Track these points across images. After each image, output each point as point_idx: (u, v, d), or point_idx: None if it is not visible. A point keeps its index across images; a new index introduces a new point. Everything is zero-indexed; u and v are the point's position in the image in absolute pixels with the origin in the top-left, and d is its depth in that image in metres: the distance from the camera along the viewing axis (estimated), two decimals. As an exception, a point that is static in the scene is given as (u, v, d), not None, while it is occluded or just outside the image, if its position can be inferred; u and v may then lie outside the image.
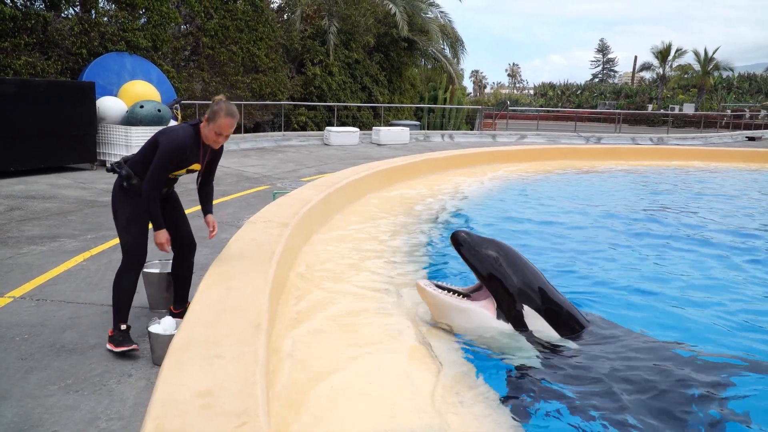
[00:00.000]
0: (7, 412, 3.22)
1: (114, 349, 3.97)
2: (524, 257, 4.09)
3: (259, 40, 21.26)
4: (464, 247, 3.96)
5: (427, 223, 7.26)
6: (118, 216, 4.08)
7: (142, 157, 3.99)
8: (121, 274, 4.08)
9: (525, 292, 3.84)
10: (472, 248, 3.94)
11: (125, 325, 4.04)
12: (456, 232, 4.08)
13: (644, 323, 4.30)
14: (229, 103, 3.97)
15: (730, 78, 63.67)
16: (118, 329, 4.02)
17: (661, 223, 8.07)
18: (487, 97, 72.73)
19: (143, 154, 4.00)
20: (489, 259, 3.87)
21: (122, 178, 3.99)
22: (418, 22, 27.89)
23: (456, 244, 4.01)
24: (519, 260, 3.99)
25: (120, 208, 4.06)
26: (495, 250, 3.94)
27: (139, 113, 12.68)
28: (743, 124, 39.67)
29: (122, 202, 4.05)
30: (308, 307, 4.18)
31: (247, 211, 8.18)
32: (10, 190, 9.75)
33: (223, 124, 3.87)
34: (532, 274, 3.97)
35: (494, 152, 14.74)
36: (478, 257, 3.90)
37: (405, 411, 2.88)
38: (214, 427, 2.04)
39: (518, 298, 3.81)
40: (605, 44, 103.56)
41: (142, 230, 4.08)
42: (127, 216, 4.04)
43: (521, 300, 3.81)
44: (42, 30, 14.94)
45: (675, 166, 15.22)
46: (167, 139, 3.88)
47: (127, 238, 4.06)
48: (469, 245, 3.95)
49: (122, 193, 4.04)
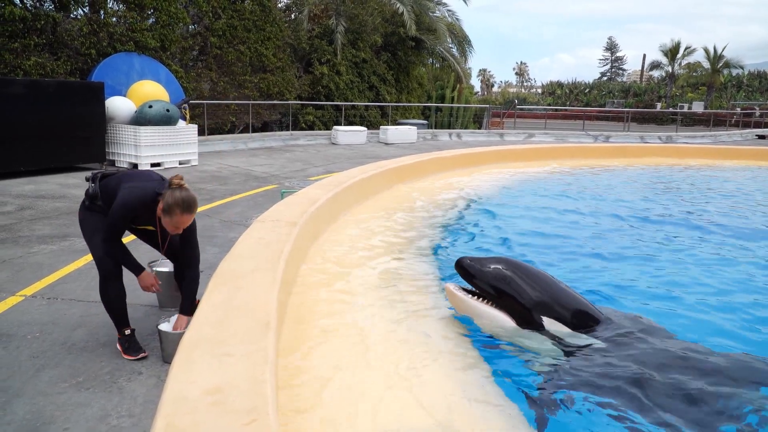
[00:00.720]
0: (20, 410, 3.25)
1: (122, 355, 4.01)
2: (532, 267, 4.08)
3: (266, 40, 21.30)
4: (471, 273, 3.95)
5: (436, 222, 7.26)
6: (84, 228, 4.07)
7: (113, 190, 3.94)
8: (101, 284, 4.06)
9: (541, 304, 3.82)
10: (477, 273, 3.92)
11: (129, 330, 4.06)
12: (459, 259, 4.05)
13: (659, 319, 4.30)
14: (187, 191, 3.78)
15: (740, 76, 63.29)
16: (123, 334, 4.05)
17: (672, 221, 8.05)
18: (494, 96, 72.63)
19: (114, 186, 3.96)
20: (498, 281, 3.85)
21: (87, 195, 3.97)
22: (425, 21, 27.87)
23: (461, 270, 4.00)
24: (528, 272, 3.97)
25: (85, 220, 4.06)
26: (502, 268, 3.91)
27: (148, 113, 12.74)
28: (753, 122, 39.42)
29: (86, 217, 4.06)
30: (316, 305, 4.20)
31: (255, 210, 8.21)
32: (20, 189, 9.82)
33: (180, 221, 3.77)
34: (544, 283, 3.95)
35: (502, 151, 14.72)
36: (485, 281, 3.88)
37: (414, 409, 2.89)
38: (224, 424, 2.06)
39: (535, 311, 3.80)
40: (613, 42, 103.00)
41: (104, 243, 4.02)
42: (92, 228, 4.02)
43: (538, 312, 3.80)
44: (51, 30, 15.02)
45: (684, 165, 15.16)
46: (122, 196, 3.81)
47: (93, 249, 4.04)
48: (474, 271, 3.94)
49: (86, 210, 4.06)
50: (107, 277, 4.04)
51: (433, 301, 4.47)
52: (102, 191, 4.00)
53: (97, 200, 3.98)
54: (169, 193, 3.72)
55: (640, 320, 4.06)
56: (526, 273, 3.97)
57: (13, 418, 3.17)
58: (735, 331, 4.33)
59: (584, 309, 3.95)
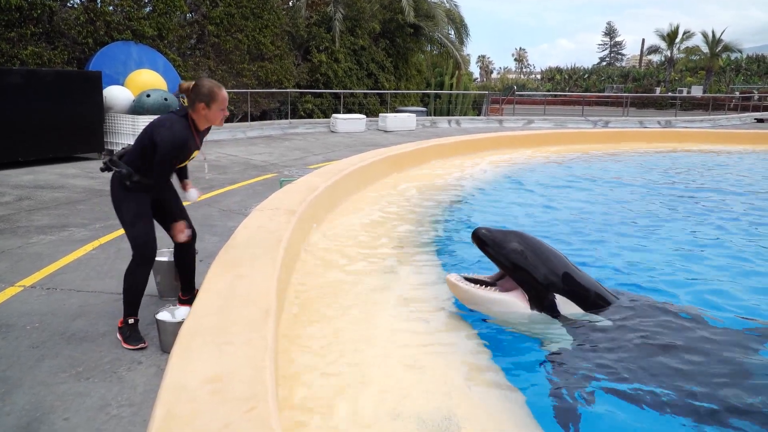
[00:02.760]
0: (20, 400, 3.25)
1: (122, 344, 4.01)
2: (547, 244, 4.06)
3: (264, 28, 21.19)
4: (487, 243, 3.91)
5: (435, 209, 7.25)
6: (122, 212, 4.03)
7: (140, 151, 3.90)
8: (134, 268, 4.06)
9: (554, 281, 3.82)
10: (495, 244, 3.89)
11: (134, 319, 4.06)
12: (476, 229, 4.01)
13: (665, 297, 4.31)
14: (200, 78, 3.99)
15: (739, 60, 63.05)
16: (127, 323, 4.05)
17: (675, 205, 8.04)
18: (493, 83, 72.35)
19: (141, 149, 3.90)
20: (514, 253, 3.83)
21: (123, 176, 3.90)
22: (423, 7, 27.72)
23: (478, 241, 3.96)
24: (544, 249, 3.96)
25: (124, 204, 4.01)
26: (518, 242, 3.89)
27: (146, 102, 12.70)
28: (752, 105, 39.30)
29: (125, 199, 4.00)
30: (316, 293, 4.19)
31: (255, 198, 8.20)
32: (18, 180, 9.80)
33: (223, 97, 3.88)
34: (558, 260, 3.94)
35: (501, 137, 14.69)
36: (503, 253, 3.85)
37: (416, 395, 2.89)
38: (224, 412, 2.05)
39: (548, 287, 3.79)
40: (612, 27, 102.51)
41: (148, 224, 4.06)
42: (134, 212, 3.99)
43: (551, 289, 3.80)
44: (48, 20, 14.94)
45: (683, 150, 15.13)
46: (166, 137, 3.76)
47: (134, 234, 4.02)
48: (492, 241, 3.91)
49: (125, 191, 3.98)
50: (143, 262, 4.06)
51: (433, 288, 4.47)
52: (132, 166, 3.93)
53: (134, 176, 3.90)
54: (194, 89, 3.83)
55: (652, 303, 4.05)
56: (542, 248, 3.96)
57: (13, 408, 3.17)
58: (749, 307, 4.33)
59: (596, 290, 3.95)
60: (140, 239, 4.03)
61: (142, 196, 4.01)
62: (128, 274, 4.08)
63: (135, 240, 4.04)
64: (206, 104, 3.83)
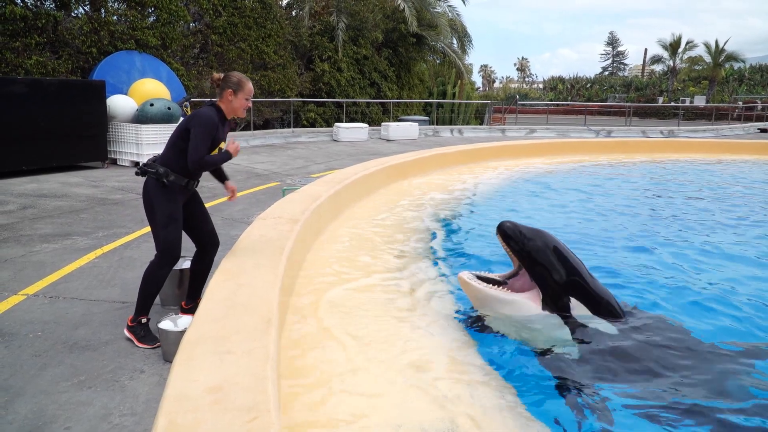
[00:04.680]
0: (22, 408, 3.25)
1: (135, 343, 4.04)
2: (567, 247, 4.07)
3: (267, 37, 21.28)
4: (512, 237, 3.93)
5: (438, 218, 7.25)
6: (156, 213, 4.09)
7: (174, 147, 4.07)
8: (157, 268, 4.13)
9: (572, 283, 3.83)
10: (520, 239, 3.91)
11: (146, 318, 4.12)
12: (502, 223, 4.04)
13: (670, 312, 4.30)
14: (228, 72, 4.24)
15: (742, 69, 63.14)
16: (139, 322, 4.09)
17: (677, 216, 8.03)
18: (496, 92, 72.48)
19: (174, 145, 4.08)
20: (537, 250, 3.85)
21: (159, 175, 4.01)
22: (426, 16, 27.81)
23: (503, 234, 3.97)
24: (564, 251, 3.98)
25: (159, 205, 4.07)
26: (542, 240, 3.92)
27: (150, 111, 12.73)
28: (755, 115, 39.32)
29: (162, 200, 4.07)
30: (318, 302, 4.19)
31: (257, 207, 8.21)
32: (22, 188, 9.82)
33: (250, 87, 4.13)
34: (576, 264, 3.96)
35: (504, 147, 14.71)
36: (526, 248, 3.88)
37: (418, 404, 2.88)
38: (226, 422, 2.05)
39: (565, 288, 3.80)
40: (615, 37, 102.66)
41: (178, 228, 4.15)
42: (168, 214, 4.08)
43: (568, 291, 3.80)
44: (52, 29, 15.01)
45: (686, 159, 15.12)
46: (202, 116, 3.98)
47: (165, 236, 4.09)
48: (517, 236, 3.93)
49: (162, 190, 4.06)
50: (167, 264, 4.13)
51: (436, 295, 4.47)
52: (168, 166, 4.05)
53: (170, 175, 4.02)
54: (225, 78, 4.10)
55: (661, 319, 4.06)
56: (564, 250, 3.97)
57: (15, 417, 3.16)
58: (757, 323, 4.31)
59: (609, 300, 3.96)
60: (169, 242, 4.10)
61: (177, 199, 4.11)
62: (149, 273, 4.14)
63: (165, 242, 4.10)
64: (234, 91, 4.06)
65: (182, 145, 4.02)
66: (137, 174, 4.16)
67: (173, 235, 4.10)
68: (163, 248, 4.11)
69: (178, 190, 4.09)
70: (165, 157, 4.11)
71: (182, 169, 4.04)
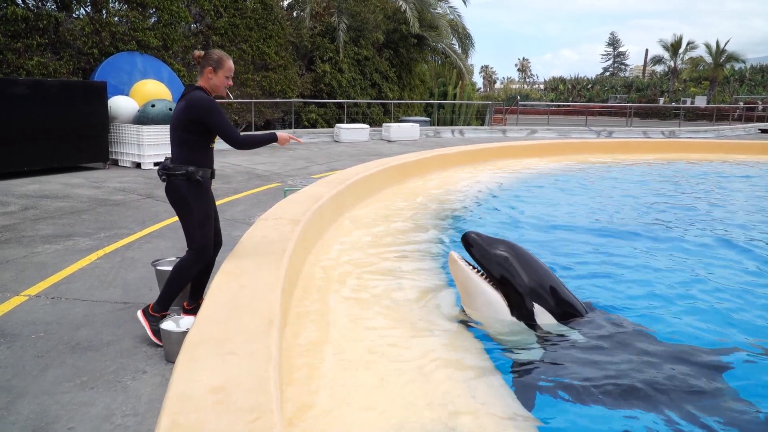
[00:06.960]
0: (24, 409, 3.25)
1: (147, 331, 4.09)
2: (533, 255, 4.10)
3: (268, 38, 21.31)
4: (474, 247, 4.00)
5: (438, 219, 7.26)
6: (194, 212, 4.09)
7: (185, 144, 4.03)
8: (190, 265, 4.15)
9: (535, 291, 3.87)
10: (482, 249, 3.97)
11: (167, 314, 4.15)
12: (466, 233, 4.11)
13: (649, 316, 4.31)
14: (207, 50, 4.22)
15: (743, 70, 63.16)
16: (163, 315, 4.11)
17: (673, 217, 8.03)
18: (497, 93, 72.47)
19: (183, 141, 4.03)
20: (499, 260, 3.90)
21: (190, 174, 3.99)
22: (427, 17, 27.84)
23: (466, 244, 4.04)
24: (529, 259, 4.01)
25: (197, 204, 4.08)
26: (505, 250, 3.96)
27: (151, 112, 12.76)
28: (756, 116, 39.33)
29: (199, 199, 4.09)
30: (320, 303, 4.20)
31: (258, 208, 8.21)
32: (24, 189, 9.84)
33: (230, 64, 4.10)
34: (542, 272, 3.99)
35: (505, 147, 14.71)
36: (488, 258, 3.93)
37: (418, 407, 2.89)
38: (228, 422, 2.06)
39: (529, 297, 3.83)
40: (616, 38, 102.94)
41: (211, 228, 4.19)
42: (206, 213, 4.12)
43: (531, 299, 3.83)
44: (54, 30, 15.04)
45: (687, 160, 15.12)
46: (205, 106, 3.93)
47: (201, 234, 4.12)
48: (479, 246, 3.98)
49: (196, 188, 4.06)
50: (199, 260, 4.17)
51: (436, 296, 4.47)
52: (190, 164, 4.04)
53: (199, 171, 4.02)
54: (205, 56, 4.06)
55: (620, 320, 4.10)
56: (527, 259, 4.00)
57: (17, 418, 3.17)
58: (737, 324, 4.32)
59: (572, 303, 4.01)
60: (204, 241, 4.14)
61: (211, 196, 4.17)
62: (182, 269, 4.16)
63: (200, 240, 4.13)
64: (214, 69, 4.03)
65: (191, 138, 3.99)
66: (162, 178, 4.10)
67: (206, 236, 4.15)
68: (200, 246, 4.14)
69: (209, 183, 4.13)
70: (180, 154, 4.06)
71: (202, 161, 4.05)
